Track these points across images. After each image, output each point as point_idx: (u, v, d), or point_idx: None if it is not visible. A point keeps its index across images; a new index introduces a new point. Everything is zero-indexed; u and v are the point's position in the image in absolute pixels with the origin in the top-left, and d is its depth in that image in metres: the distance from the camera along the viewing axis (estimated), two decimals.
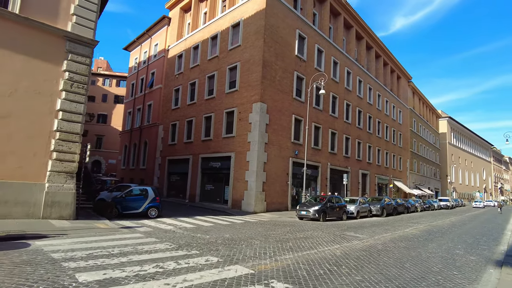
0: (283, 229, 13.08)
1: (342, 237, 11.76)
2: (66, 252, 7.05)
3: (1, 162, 10.60)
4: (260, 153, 20.50)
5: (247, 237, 10.51)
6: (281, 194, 22.09)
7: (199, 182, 24.88)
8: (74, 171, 12.09)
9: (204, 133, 25.11)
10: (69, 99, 12.04)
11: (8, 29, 10.93)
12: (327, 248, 9.36)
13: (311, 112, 25.33)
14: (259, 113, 20.69)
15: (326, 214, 17.42)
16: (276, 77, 22.20)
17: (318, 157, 25.99)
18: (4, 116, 10.72)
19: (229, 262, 6.97)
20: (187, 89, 28.13)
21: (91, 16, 12.78)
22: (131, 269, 6.01)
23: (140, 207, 14.73)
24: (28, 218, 10.95)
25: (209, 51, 26.24)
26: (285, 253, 8.29)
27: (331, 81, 28.25)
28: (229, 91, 23.30)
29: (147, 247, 8.11)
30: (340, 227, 14.76)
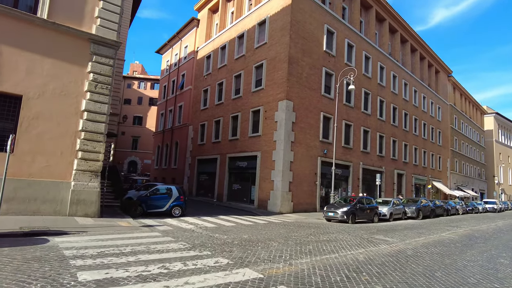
0: (307, 231, 12.50)
1: (369, 240, 10.96)
2: (78, 250, 7.09)
3: (31, 161, 11.07)
4: (286, 152, 19.97)
5: (265, 238, 10.10)
6: (309, 194, 21.39)
7: (227, 182, 24.83)
8: (98, 170, 12.38)
9: (231, 133, 25.03)
10: (93, 100, 12.34)
11: (37, 34, 11.40)
12: (350, 252, 8.70)
13: (341, 109, 24.35)
14: (284, 111, 20.18)
15: (356, 216, 16.51)
16: (303, 73, 21.55)
17: (349, 156, 24.91)
18: (33, 118, 11.19)
19: (239, 264, 6.61)
20: (215, 89, 28.26)
21: (114, 18, 13.03)
22: (135, 269, 5.85)
23: (164, 206, 14.84)
24: (55, 215, 11.35)
25: (236, 51, 26.14)
26: (303, 256, 7.78)
27: (362, 76, 27.00)
28: (255, 89, 23.01)
29: (160, 246, 7.99)
30: (369, 230, 13.87)
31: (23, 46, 11.13)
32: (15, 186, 10.76)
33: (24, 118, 11.05)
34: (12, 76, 10.91)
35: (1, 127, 10.87)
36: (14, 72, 10.95)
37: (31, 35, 11.28)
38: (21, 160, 10.91)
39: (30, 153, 11.07)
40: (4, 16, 10.87)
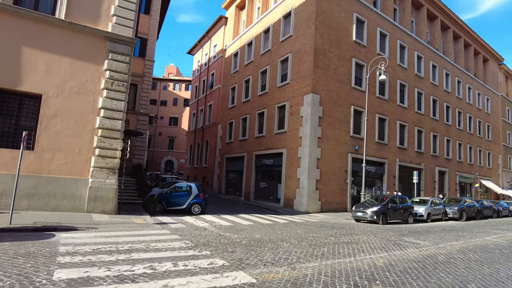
0: (328, 231, 11.57)
1: (396, 243, 9.82)
2: (75, 246, 6.91)
3: (50, 158, 11.34)
4: (313, 149, 19.00)
5: (278, 238, 9.40)
6: (338, 193, 20.21)
7: (253, 180, 24.33)
8: (115, 167, 12.42)
9: (258, 130, 24.49)
10: (110, 97, 12.40)
11: (56, 35, 11.66)
12: (368, 256, 7.73)
13: (374, 102, 22.80)
14: (310, 105, 19.21)
15: (387, 216, 15.17)
16: (331, 65, 20.41)
17: (384, 153, 23.25)
18: (52, 116, 11.45)
19: (235, 267, 6.02)
20: (242, 86, 27.91)
21: (130, 15, 13.02)
22: (119, 268, 5.48)
23: (184, 203, 14.66)
24: (74, 211, 11.53)
25: (262, 46, 25.56)
26: (312, 260, 6.99)
27: (398, 67, 25.10)
28: (281, 84, 22.26)
29: (161, 244, 7.62)
30: (400, 232, 12.57)
31: (42, 47, 11.43)
32: (35, 182, 11.08)
33: (44, 117, 11.33)
34: (32, 76, 11.23)
35: (23, 125, 11.23)
36: (34, 72, 11.27)
37: (49, 35, 11.56)
38: (41, 157, 11.20)
39: (49, 151, 11.34)
40: (25, 18, 11.23)
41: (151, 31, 28.36)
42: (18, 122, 11.22)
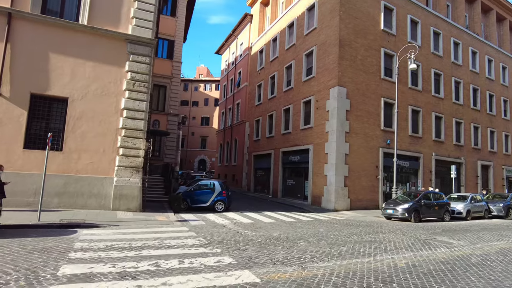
0: (353, 230, 11.01)
1: (425, 242, 9.09)
2: (91, 242, 7.08)
3: (77, 158, 11.84)
4: (340, 144, 18.29)
5: (296, 237, 9.06)
6: (369, 190, 19.31)
7: (281, 177, 24.00)
8: (139, 166, 12.71)
9: (284, 126, 24.11)
10: (132, 98, 12.71)
11: (79, 40, 12.15)
12: (391, 256, 7.18)
13: (406, 93, 21.53)
14: (336, 99, 18.51)
15: (420, 213, 14.20)
16: (357, 56, 19.53)
17: (418, 147, 21.89)
18: (78, 118, 11.95)
19: (242, 265, 5.81)
20: (267, 83, 27.64)
21: (149, 17, 13.24)
22: (124, 264, 5.49)
23: (207, 200, 14.74)
24: (100, 209, 11.95)
25: (287, 41, 25.10)
26: (327, 259, 6.61)
27: (431, 56, 23.49)
28: (306, 78, 21.70)
29: (174, 242, 7.61)
30: (432, 230, 11.67)
31: (67, 52, 11.95)
32: (65, 181, 11.62)
33: (70, 119, 11.86)
34: (59, 80, 11.79)
35: (52, 127, 11.83)
36: (61, 77, 11.82)
37: (73, 41, 12.05)
38: (69, 158, 11.73)
39: (76, 151, 11.84)
40: (51, 26, 11.80)
41: (177, 33, 28.89)
42: (48, 124, 11.84)
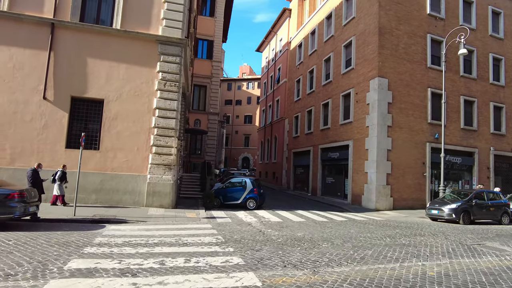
0: (388, 231, 10.14)
1: (471, 248, 8.01)
2: (112, 237, 7.31)
3: (113, 157, 12.47)
4: (381, 139, 17.10)
5: (321, 238, 8.54)
6: (415, 188, 17.81)
7: (320, 175, 23.21)
8: (171, 163, 13.01)
9: (323, 122, 23.26)
10: (163, 98, 13.04)
11: (113, 44, 12.77)
12: (421, 263, 6.39)
13: (458, 82, 19.50)
14: (377, 91, 17.32)
15: (470, 214, 12.69)
16: (400, 44, 18.08)
17: (472, 141, 19.70)
18: (113, 118, 12.57)
19: (249, 267, 5.54)
20: (306, 78, 26.91)
21: (178, 17, 13.46)
22: (130, 261, 5.51)
23: (239, 198, 14.69)
24: (134, 205, 12.45)
25: (325, 33, 24.15)
26: (345, 264, 6.07)
27: (489, 39, 20.95)
28: (345, 71, 20.66)
29: (192, 239, 7.57)
30: (483, 234, 10.30)
31: (103, 56, 12.62)
32: (101, 179, 12.30)
33: (106, 119, 12.51)
34: (95, 83, 12.49)
35: (90, 128, 12.59)
36: (97, 80, 12.52)
37: (108, 45, 12.70)
38: (105, 156, 12.38)
39: (112, 150, 12.47)
40: (88, 32, 12.55)
41: (216, 33, 29.29)
42: (87, 125, 12.61)
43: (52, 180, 11.26)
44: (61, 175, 11.28)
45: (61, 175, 11.28)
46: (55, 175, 11.27)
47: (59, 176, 11.25)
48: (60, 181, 11.31)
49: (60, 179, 11.29)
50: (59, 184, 11.34)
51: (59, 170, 11.32)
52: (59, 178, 11.26)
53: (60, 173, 11.28)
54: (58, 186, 11.36)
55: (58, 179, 11.25)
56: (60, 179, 11.29)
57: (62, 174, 11.30)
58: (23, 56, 11.92)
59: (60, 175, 11.26)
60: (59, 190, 11.40)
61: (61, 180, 11.32)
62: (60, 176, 11.26)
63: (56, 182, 11.27)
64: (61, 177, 11.28)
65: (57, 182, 11.29)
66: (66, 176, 11.40)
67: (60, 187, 11.40)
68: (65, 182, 11.44)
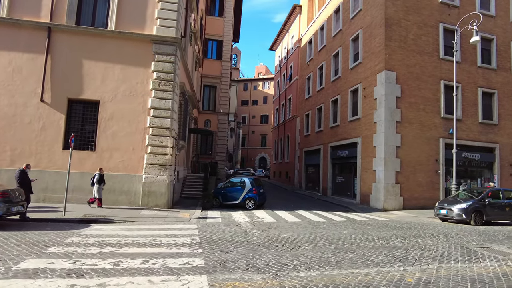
0: (384, 233, 9.50)
1: (471, 252, 7.28)
2: (87, 237, 7.24)
3: (109, 157, 12.55)
4: (389, 135, 16.27)
5: (306, 239, 8.08)
6: (427, 187, 16.80)
7: (330, 174, 22.49)
8: (166, 163, 12.93)
9: (332, 119, 22.55)
10: (158, 97, 13.00)
11: (108, 45, 12.86)
12: (404, 268, 5.82)
13: (475, 73, 18.26)
14: (384, 85, 16.50)
15: (483, 214, 11.72)
16: (409, 35, 17.14)
17: (493, 135, 18.36)
18: (109, 119, 12.65)
19: (205, 269, 5.24)
20: (316, 74, 26.25)
21: (172, 16, 13.38)
22: (85, 261, 5.36)
23: (238, 198, 14.42)
24: (130, 205, 12.47)
25: (333, 27, 23.44)
26: (317, 268, 5.63)
27: (511, 26, 19.49)
28: (353, 65, 19.90)
29: (167, 239, 7.37)
30: (492, 236, 9.41)
31: (98, 57, 12.74)
32: None
33: (102, 120, 12.61)
34: (91, 84, 12.63)
35: (86, 129, 12.74)
36: (93, 81, 12.65)
37: (103, 46, 12.80)
38: (101, 157, 12.48)
39: (108, 150, 12.55)
40: (83, 34, 12.71)
41: (225, 32, 29.20)
42: (83, 126, 12.77)
43: (92, 183, 11.58)
44: (99, 178, 11.55)
45: (99, 178, 11.55)
46: (93, 178, 11.56)
47: (97, 179, 11.53)
48: (98, 184, 11.57)
49: (98, 182, 11.56)
50: (98, 187, 11.59)
51: (97, 173, 11.61)
52: (97, 181, 11.53)
53: (98, 176, 11.56)
54: (97, 188, 11.60)
55: (96, 182, 11.52)
56: (98, 181, 11.55)
57: (99, 177, 11.56)
58: (21, 60, 12.25)
59: (98, 178, 11.54)
60: (97, 192, 11.64)
61: (99, 183, 11.59)
62: (98, 179, 11.53)
63: (95, 185, 11.53)
64: (99, 180, 11.54)
65: (95, 185, 11.54)
66: (104, 178, 11.70)
67: (99, 189, 11.65)
68: (103, 184, 11.72)
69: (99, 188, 11.66)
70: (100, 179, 11.64)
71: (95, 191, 11.65)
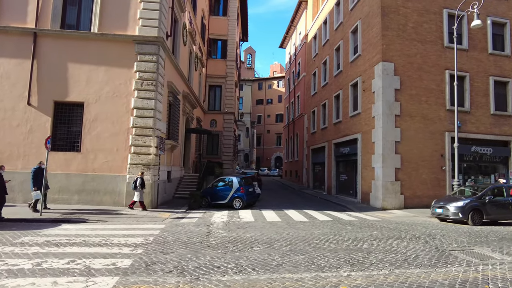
0: (362, 234, 8.86)
1: (444, 256, 6.56)
2: (42, 237, 7.23)
3: (93, 158, 12.67)
4: (388, 130, 15.38)
5: (267, 240, 7.67)
6: (431, 184, 15.72)
7: (334, 172, 21.72)
8: (150, 163, 12.88)
9: (335, 115, 21.77)
10: (141, 97, 12.98)
11: (92, 47, 12.98)
12: (348, 273, 5.31)
13: (485, 61, 16.92)
14: (381, 77, 15.63)
15: (483, 213, 10.71)
16: (408, 24, 16.14)
17: (507, 128, 16.90)
18: (93, 120, 12.78)
19: (123, 271, 5.02)
20: (320, 70, 25.49)
21: (155, 15, 13.31)
22: (8, 261, 5.30)
23: (226, 197, 14.15)
24: (114, 205, 12.52)
25: (335, 20, 22.65)
26: (248, 272, 5.26)
27: None
28: (353, 58, 19.08)
29: (118, 239, 7.22)
30: (481, 238, 8.50)
31: (82, 60, 12.90)
32: (83, 180, 12.55)
33: (86, 121, 12.76)
34: (76, 87, 12.82)
35: (72, 130, 12.94)
36: (77, 83, 12.83)
37: (87, 49, 12.95)
38: (86, 158, 12.63)
39: (92, 151, 12.68)
40: (68, 38, 12.93)
41: (230, 32, 29.02)
42: (69, 128, 12.98)
43: (134, 187, 11.86)
44: (141, 182, 11.82)
45: (141, 182, 11.82)
46: (135, 182, 11.84)
47: (140, 183, 11.81)
48: (141, 188, 11.86)
49: (141, 186, 11.84)
50: (140, 190, 11.87)
51: (138, 177, 11.89)
52: (140, 185, 11.81)
53: (140, 180, 11.83)
54: (140, 192, 11.88)
55: (139, 186, 11.80)
56: (141, 185, 11.84)
57: (142, 181, 11.83)
58: (9, 65, 12.64)
59: (140, 182, 11.81)
60: (140, 196, 11.91)
61: (142, 187, 11.87)
62: (141, 183, 11.81)
63: (137, 188, 11.80)
64: (141, 183, 11.82)
65: (138, 189, 11.81)
66: (144, 182, 11.97)
67: (141, 193, 11.92)
68: (144, 188, 11.99)
69: (141, 192, 11.89)
70: (142, 183, 11.87)
71: (137, 195, 11.86)
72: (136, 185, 11.77)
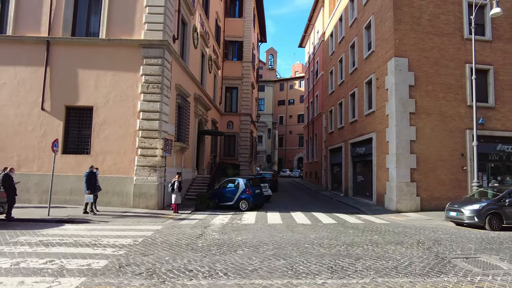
0: (360, 238, 8.43)
1: (441, 264, 6.03)
2: (38, 237, 7.50)
3: (102, 160, 13.05)
4: (402, 128, 14.63)
5: (256, 243, 7.47)
6: (451, 185, 14.75)
7: (351, 173, 21.03)
8: (156, 165, 13.06)
9: (351, 114, 21.10)
10: (147, 100, 13.21)
11: (100, 53, 13.41)
12: (324, 281, 5.02)
13: (510, 53, 15.69)
14: (394, 73, 14.92)
15: (503, 217, 9.84)
16: (423, 16, 15.30)
17: None
18: (102, 123, 13.18)
19: (94, 273, 5.04)
20: (337, 68, 24.83)
21: (159, 19, 13.52)
22: None
23: (232, 199, 14.08)
24: (122, 206, 12.82)
25: (350, 16, 21.99)
26: (219, 276, 5.12)
27: None
28: (367, 55, 18.39)
29: (108, 240, 7.34)
30: (492, 245, 7.76)
31: (91, 65, 13.35)
32: None
33: (95, 125, 13.18)
34: (85, 92, 13.28)
35: (82, 134, 13.41)
36: (86, 88, 13.29)
37: (95, 54, 13.39)
38: (96, 160, 13.02)
39: (101, 154, 13.07)
40: (77, 45, 13.45)
41: (245, 33, 29.04)
42: (80, 131, 13.47)
43: (171, 190, 12.43)
44: (178, 185, 12.36)
45: (178, 185, 12.37)
46: (173, 185, 12.42)
47: (178, 186, 12.36)
48: (179, 190, 12.41)
49: (179, 189, 12.40)
50: (176, 193, 12.40)
51: (176, 181, 12.47)
52: (178, 187, 12.35)
53: (177, 183, 12.38)
54: (177, 194, 12.42)
55: (177, 189, 12.35)
56: (179, 188, 12.40)
57: (179, 184, 12.39)
58: (25, 73, 13.32)
59: (178, 185, 12.36)
60: (177, 198, 12.45)
61: (179, 189, 12.43)
62: (178, 186, 12.36)
63: (175, 191, 12.35)
64: (179, 186, 12.37)
65: (175, 191, 12.35)
66: (181, 185, 12.57)
67: (177, 196, 12.45)
68: (180, 190, 12.55)
69: (178, 194, 12.35)
70: (180, 186, 12.33)
71: (175, 197, 12.32)
72: (173, 187, 12.16)
